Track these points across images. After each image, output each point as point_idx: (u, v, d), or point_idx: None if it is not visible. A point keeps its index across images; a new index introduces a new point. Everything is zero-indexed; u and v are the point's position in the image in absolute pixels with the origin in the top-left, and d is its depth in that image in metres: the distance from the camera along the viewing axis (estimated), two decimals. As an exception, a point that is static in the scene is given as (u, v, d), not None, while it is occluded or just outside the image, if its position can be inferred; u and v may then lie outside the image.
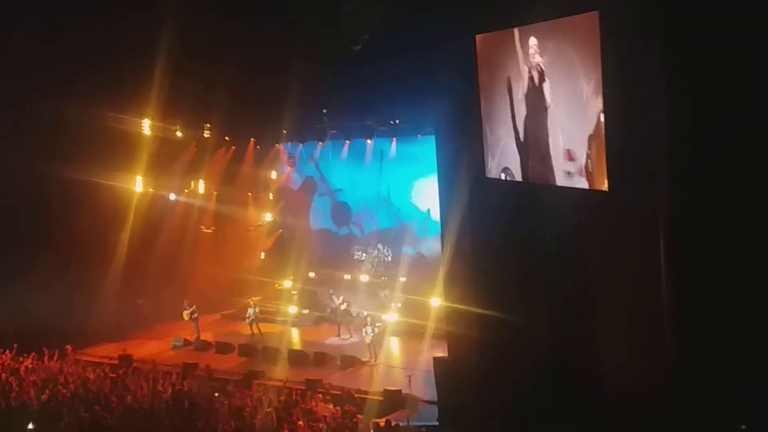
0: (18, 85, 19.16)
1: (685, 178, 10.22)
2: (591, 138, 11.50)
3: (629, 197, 11.11)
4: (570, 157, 12.08)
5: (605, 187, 11.42)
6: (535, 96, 12.64)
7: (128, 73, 19.67)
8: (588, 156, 11.68)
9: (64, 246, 21.04)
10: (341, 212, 27.62)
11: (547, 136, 12.53)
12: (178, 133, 24.16)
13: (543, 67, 12.31)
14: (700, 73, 9.86)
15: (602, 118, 11.09)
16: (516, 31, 12.81)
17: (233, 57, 18.74)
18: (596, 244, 11.93)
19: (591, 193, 11.81)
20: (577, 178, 12.02)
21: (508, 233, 13.99)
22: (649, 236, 10.53)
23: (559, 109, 12.20)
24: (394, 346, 21.37)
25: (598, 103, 11.17)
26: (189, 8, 18.31)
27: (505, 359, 13.67)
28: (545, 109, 12.44)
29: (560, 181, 12.41)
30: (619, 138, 10.95)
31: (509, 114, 13.44)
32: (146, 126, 22.83)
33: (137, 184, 23.48)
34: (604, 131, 11.10)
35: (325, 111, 21.85)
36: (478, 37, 14.05)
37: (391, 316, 22.08)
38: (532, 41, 12.43)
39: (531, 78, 12.66)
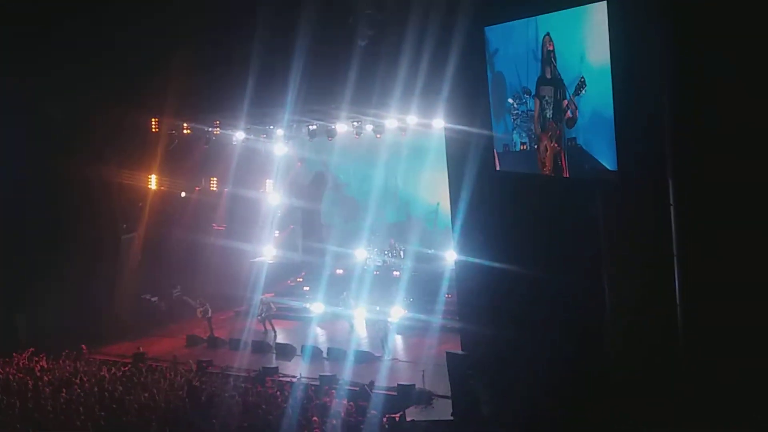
0: (33, 85, 19.28)
1: (694, 165, 10.20)
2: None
3: (640, 187, 11.07)
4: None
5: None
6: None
7: (139, 71, 19.73)
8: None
9: (77, 245, 21.12)
10: (348, 206, 27.63)
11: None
12: (187, 131, 24.19)
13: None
14: (709, 57, 9.86)
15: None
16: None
17: (242, 54, 18.75)
18: (608, 236, 11.87)
19: (602, 184, 11.75)
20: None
21: (519, 226, 13.93)
22: (661, 228, 10.49)
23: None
24: (407, 341, 21.35)
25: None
26: (200, 6, 18.36)
27: (518, 353, 13.65)
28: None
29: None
30: (628, 124, 10.91)
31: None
32: (157, 124, 22.89)
33: (150, 182, 23.57)
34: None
35: (333, 106, 21.78)
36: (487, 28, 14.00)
37: (404, 311, 22.06)
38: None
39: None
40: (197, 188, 25.76)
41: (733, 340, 9.86)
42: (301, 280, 26.38)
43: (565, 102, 12.13)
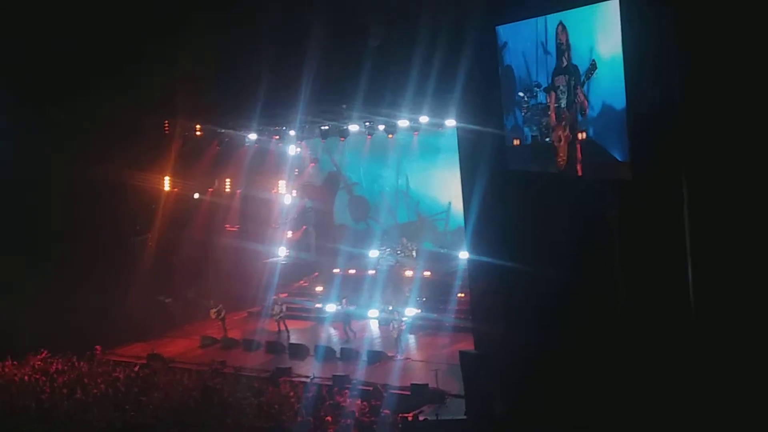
0: (46, 86, 19.39)
1: (707, 161, 10.14)
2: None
3: (652, 184, 11.01)
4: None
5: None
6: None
7: (152, 73, 19.80)
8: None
9: (91, 247, 21.22)
10: (358, 206, 27.62)
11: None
12: (200, 133, 24.28)
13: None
14: (721, 53, 9.79)
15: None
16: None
17: (255, 56, 18.81)
18: (620, 234, 11.81)
19: (614, 183, 11.68)
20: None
21: (532, 225, 13.87)
22: (674, 226, 10.43)
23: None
24: (420, 340, 21.33)
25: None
26: (213, 9, 18.43)
27: (531, 352, 13.59)
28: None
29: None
30: (640, 118, 10.86)
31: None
32: (170, 125, 22.99)
33: (164, 184, 23.68)
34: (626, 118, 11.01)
35: (345, 106, 21.79)
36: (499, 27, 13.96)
37: (417, 311, 22.03)
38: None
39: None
40: (210, 189, 25.86)
41: (747, 338, 9.77)
42: (314, 280, 26.43)
43: (578, 89, 12.09)
